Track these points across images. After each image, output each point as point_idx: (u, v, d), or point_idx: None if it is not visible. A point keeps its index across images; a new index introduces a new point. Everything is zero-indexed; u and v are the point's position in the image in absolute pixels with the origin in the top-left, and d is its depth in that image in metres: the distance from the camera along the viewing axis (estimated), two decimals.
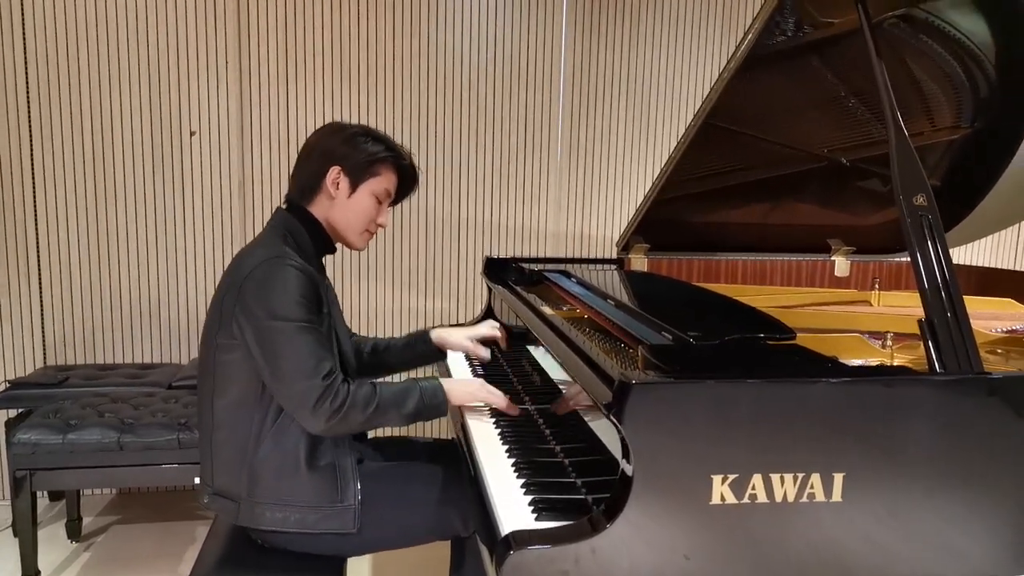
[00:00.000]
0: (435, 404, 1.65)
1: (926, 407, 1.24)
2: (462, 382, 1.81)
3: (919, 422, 1.23)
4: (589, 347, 1.48)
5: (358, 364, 1.96)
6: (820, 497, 1.19)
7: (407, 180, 1.81)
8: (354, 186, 1.71)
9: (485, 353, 2.03)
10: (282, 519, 1.61)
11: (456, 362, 2.23)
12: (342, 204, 1.72)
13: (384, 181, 1.74)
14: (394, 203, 1.83)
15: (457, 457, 1.76)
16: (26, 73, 2.84)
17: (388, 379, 1.83)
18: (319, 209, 1.73)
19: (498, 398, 1.72)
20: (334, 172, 1.70)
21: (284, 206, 1.75)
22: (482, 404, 1.77)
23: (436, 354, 2.08)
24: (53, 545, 2.73)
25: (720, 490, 1.16)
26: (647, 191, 2.27)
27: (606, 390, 1.22)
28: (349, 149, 1.70)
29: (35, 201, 2.91)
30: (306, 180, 1.72)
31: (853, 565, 1.23)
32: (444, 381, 1.70)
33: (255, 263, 1.58)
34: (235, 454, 1.62)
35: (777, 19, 1.91)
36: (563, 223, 3.31)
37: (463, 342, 2.02)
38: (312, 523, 1.61)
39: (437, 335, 2.04)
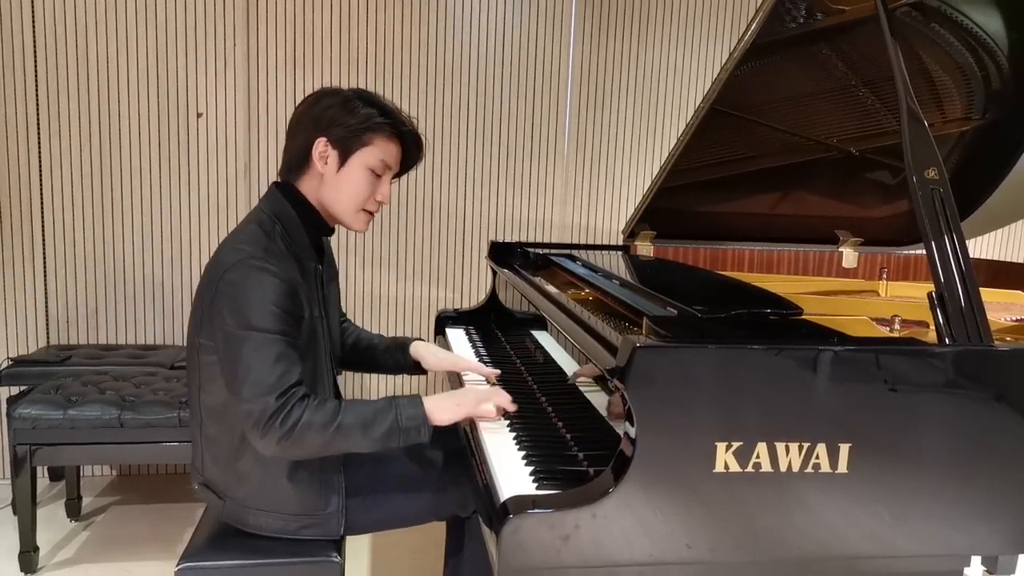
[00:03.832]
0: (413, 427, 1.44)
1: (934, 377, 1.22)
2: (450, 397, 1.54)
3: (927, 393, 1.22)
4: (594, 321, 1.47)
5: (340, 352, 1.84)
6: (826, 468, 1.18)
7: (409, 149, 1.59)
8: (343, 158, 1.52)
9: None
10: (265, 524, 1.56)
11: (456, 338, 2.21)
12: (332, 180, 1.53)
13: (378, 151, 1.54)
14: (398, 175, 1.62)
15: (457, 438, 1.73)
16: (34, 52, 2.84)
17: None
18: (309, 187, 1.56)
19: (493, 405, 1.52)
20: (320, 144, 1.51)
21: (279, 179, 1.60)
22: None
23: (413, 367, 1.90)
24: (52, 523, 2.72)
25: (724, 458, 1.15)
26: (653, 178, 2.25)
27: (609, 356, 1.20)
28: (337, 116, 1.51)
29: (40, 181, 2.90)
30: (294, 154, 1.56)
31: (856, 538, 1.21)
32: (427, 400, 1.47)
33: (232, 262, 1.43)
34: (222, 453, 1.55)
35: (788, 5, 1.90)
36: (569, 216, 3.29)
37: (438, 366, 1.88)
38: (294, 531, 1.56)
39: (415, 350, 1.88)
